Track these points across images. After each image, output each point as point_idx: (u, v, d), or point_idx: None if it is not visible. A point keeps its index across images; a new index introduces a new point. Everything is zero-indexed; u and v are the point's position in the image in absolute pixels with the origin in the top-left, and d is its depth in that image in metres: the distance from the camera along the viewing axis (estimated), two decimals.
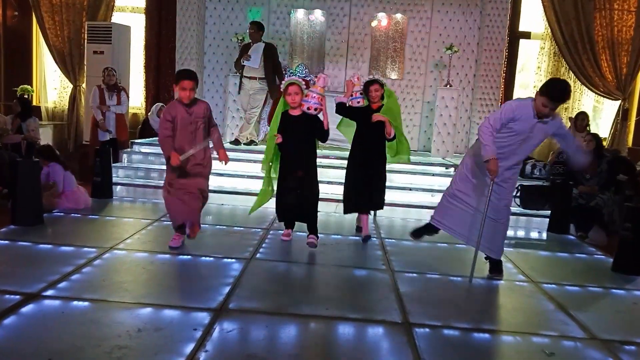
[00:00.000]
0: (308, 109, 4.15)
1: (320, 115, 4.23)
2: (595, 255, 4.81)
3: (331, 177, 6.04)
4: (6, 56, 9.02)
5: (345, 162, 4.74)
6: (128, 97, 7.29)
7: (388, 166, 4.67)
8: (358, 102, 4.51)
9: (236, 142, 7.19)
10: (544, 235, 5.53)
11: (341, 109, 4.51)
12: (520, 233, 5.55)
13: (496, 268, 3.90)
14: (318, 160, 4.40)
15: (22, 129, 6.37)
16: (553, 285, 3.82)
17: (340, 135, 5.10)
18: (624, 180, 5.80)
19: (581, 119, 7.32)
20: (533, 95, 3.62)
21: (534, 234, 5.59)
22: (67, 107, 8.98)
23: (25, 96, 8.15)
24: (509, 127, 3.60)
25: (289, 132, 4.18)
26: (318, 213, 4.36)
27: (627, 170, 5.94)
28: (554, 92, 3.41)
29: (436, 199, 6.05)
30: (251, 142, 7.23)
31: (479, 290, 3.70)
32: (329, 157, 6.40)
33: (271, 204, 4.49)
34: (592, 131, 6.92)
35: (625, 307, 3.54)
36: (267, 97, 7.19)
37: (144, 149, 6.93)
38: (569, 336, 2.96)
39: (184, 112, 3.89)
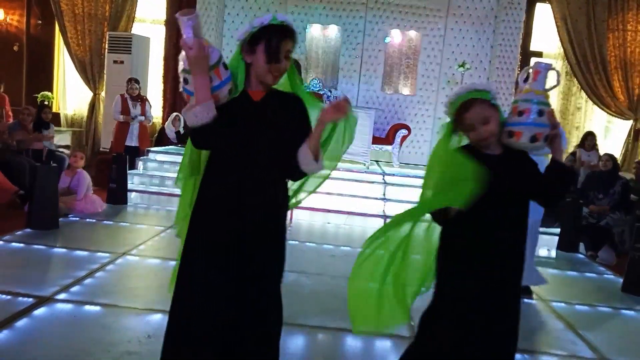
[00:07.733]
0: (535, 139, 1.83)
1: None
2: (605, 275, 4.78)
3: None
4: (29, 63, 9.24)
5: None
6: (151, 106, 7.42)
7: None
8: None
9: None
10: (553, 253, 5.50)
11: None
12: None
13: (527, 289, 3.88)
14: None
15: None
16: (562, 304, 3.81)
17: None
18: (635, 200, 5.78)
19: (590, 139, 7.39)
20: None
21: (544, 252, 5.56)
22: (86, 114, 9.17)
23: (46, 102, 8.32)
24: None
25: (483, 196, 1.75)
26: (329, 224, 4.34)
27: (639, 191, 5.92)
28: None
29: None
30: None
31: None
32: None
33: None
34: (607, 152, 6.91)
35: (635, 329, 3.53)
36: None
37: (160, 157, 7.04)
38: (578, 356, 2.95)
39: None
